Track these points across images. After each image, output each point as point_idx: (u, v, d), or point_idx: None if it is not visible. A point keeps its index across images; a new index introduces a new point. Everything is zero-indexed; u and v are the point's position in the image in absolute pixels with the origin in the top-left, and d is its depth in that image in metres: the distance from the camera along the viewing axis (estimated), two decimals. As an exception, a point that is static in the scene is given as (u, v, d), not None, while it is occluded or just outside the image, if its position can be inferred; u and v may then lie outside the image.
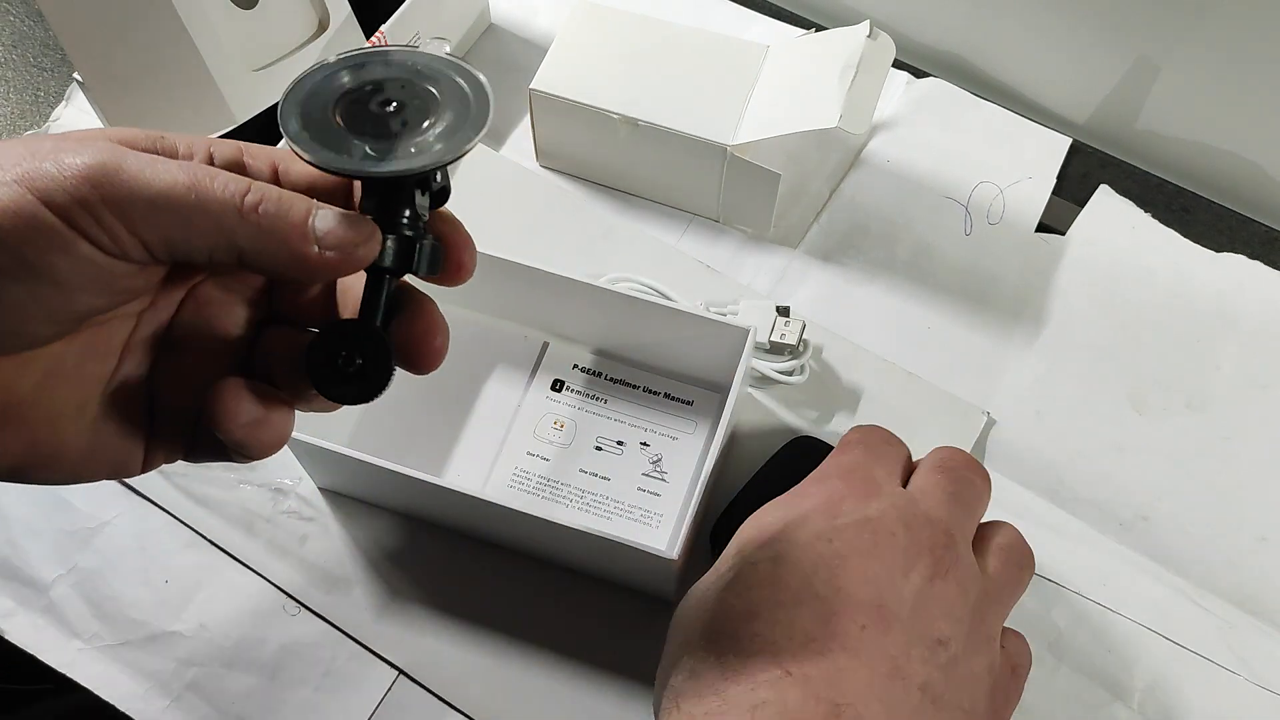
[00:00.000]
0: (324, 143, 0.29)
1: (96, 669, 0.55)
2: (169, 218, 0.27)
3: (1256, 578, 0.57)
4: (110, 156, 0.27)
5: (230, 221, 0.28)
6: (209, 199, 0.27)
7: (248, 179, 0.28)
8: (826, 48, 0.63)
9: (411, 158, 0.30)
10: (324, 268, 0.29)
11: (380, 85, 0.31)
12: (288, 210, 0.28)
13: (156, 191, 0.27)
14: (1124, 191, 0.70)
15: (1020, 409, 0.62)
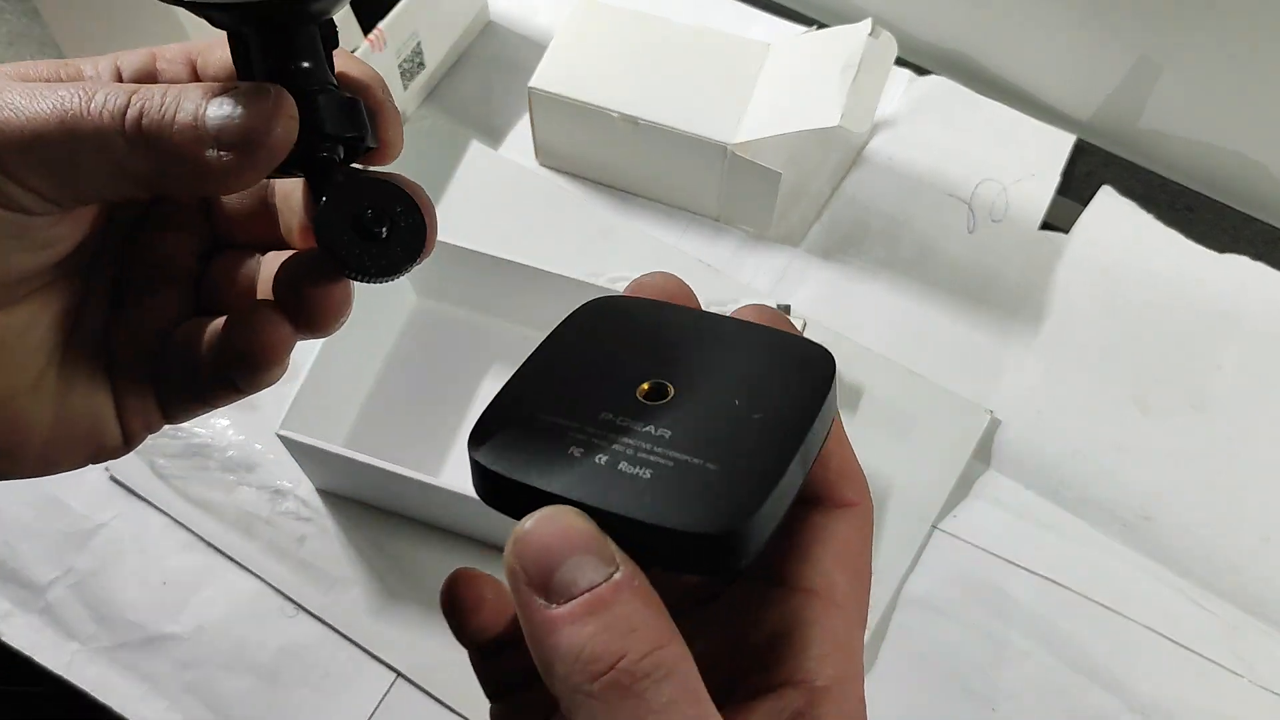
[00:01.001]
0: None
1: (93, 671, 0.55)
2: (48, 157, 0.23)
3: (1259, 579, 0.57)
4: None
5: (116, 147, 0.23)
6: (83, 127, 0.23)
7: (130, 88, 0.23)
8: (828, 46, 0.63)
9: None
10: (234, 172, 0.24)
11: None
12: (173, 114, 0.23)
13: (27, 131, 0.23)
14: (1127, 190, 0.69)
15: (1022, 408, 0.62)
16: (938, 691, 0.55)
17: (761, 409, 0.23)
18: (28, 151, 0.23)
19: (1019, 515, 0.59)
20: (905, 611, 0.56)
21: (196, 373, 0.28)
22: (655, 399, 0.24)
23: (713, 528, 0.20)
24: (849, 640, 0.23)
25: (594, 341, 0.26)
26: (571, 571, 0.20)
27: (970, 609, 0.56)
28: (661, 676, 0.20)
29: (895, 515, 0.59)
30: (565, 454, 0.22)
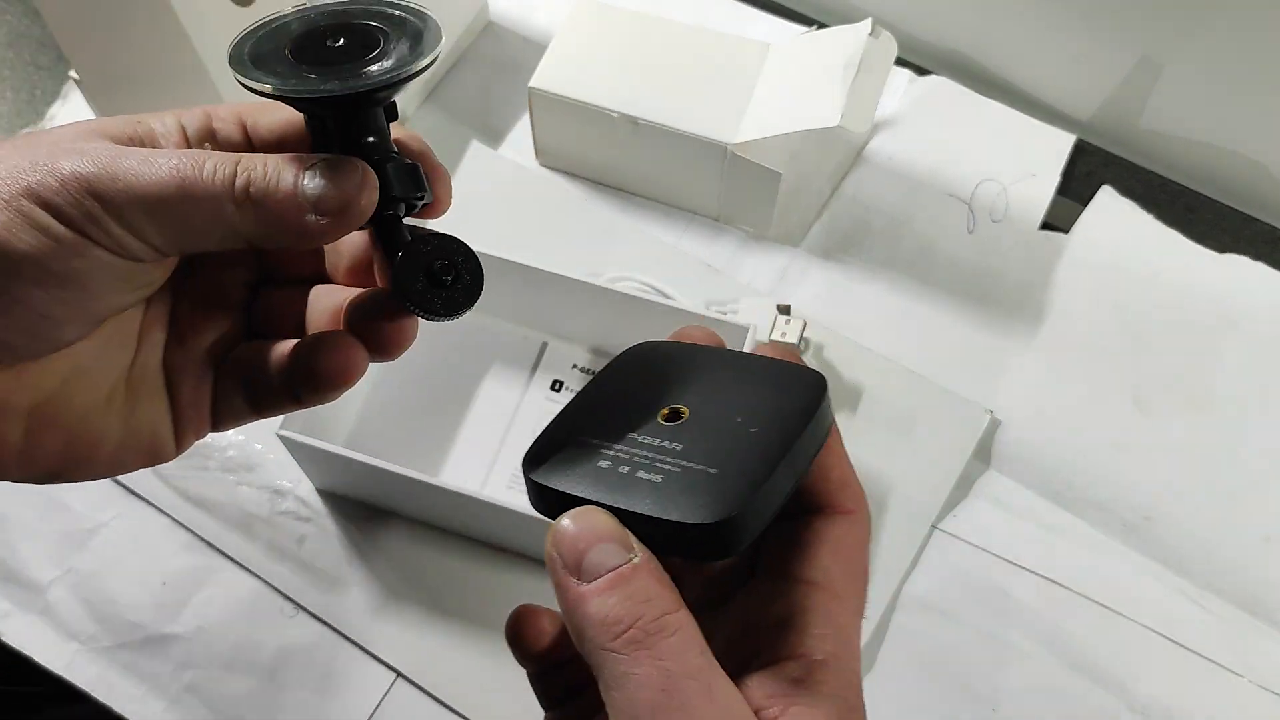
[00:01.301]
0: (278, 75, 0.29)
1: (93, 671, 0.55)
2: (167, 217, 0.27)
3: (1260, 579, 0.57)
4: (105, 163, 0.27)
5: (227, 211, 0.27)
6: (198, 193, 0.27)
7: (233, 158, 0.28)
8: (828, 45, 0.63)
9: (374, 75, 0.29)
10: (328, 232, 0.28)
11: (327, 28, 0.30)
12: (276, 183, 0.28)
13: (150, 194, 0.27)
14: (1128, 190, 0.69)
15: (1023, 408, 0.62)
16: (938, 691, 0.55)
17: (758, 423, 0.28)
18: (148, 210, 0.27)
19: (1019, 515, 0.59)
20: (905, 611, 0.56)
21: (258, 387, 0.32)
22: (672, 420, 0.29)
23: (707, 519, 0.25)
24: (845, 624, 0.27)
25: (629, 378, 0.32)
26: (598, 556, 0.25)
27: (970, 609, 0.56)
28: (671, 633, 0.25)
29: (895, 515, 0.58)
30: (596, 466, 0.28)
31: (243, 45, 0.30)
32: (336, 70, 0.29)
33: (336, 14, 0.31)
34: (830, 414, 0.29)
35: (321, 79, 0.28)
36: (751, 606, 0.28)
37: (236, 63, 0.29)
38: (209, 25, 0.57)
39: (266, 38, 0.30)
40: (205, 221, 0.27)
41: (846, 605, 0.27)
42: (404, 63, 0.29)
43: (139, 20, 0.56)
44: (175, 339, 0.32)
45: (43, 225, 0.26)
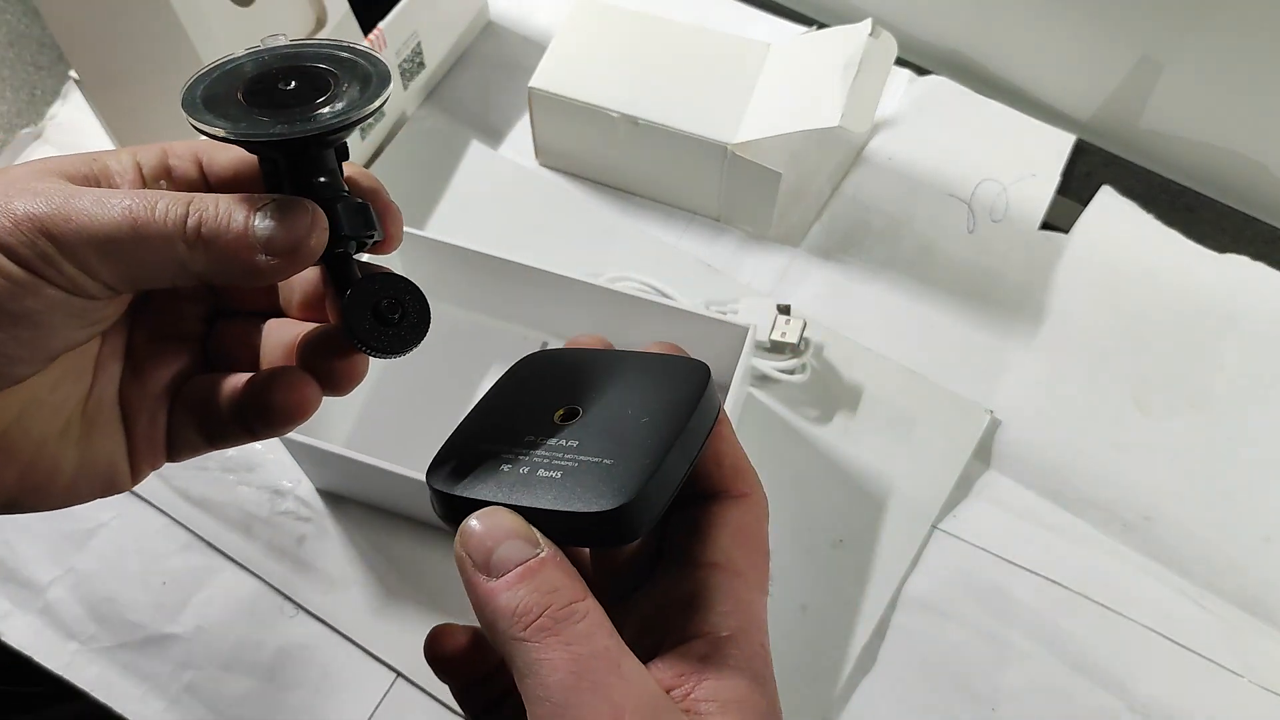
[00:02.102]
0: (231, 118, 0.29)
1: (93, 671, 0.55)
2: (120, 256, 0.27)
3: (1260, 579, 0.57)
4: (58, 203, 0.27)
5: (178, 250, 0.28)
6: (150, 232, 0.27)
7: (185, 198, 0.28)
8: (828, 46, 0.63)
9: (324, 118, 0.29)
10: (278, 272, 0.29)
11: (279, 71, 0.31)
12: (227, 224, 0.28)
13: (102, 234, 0.27)
14: (1127, 190, 0.69)
15: (1023, 408, 0.62)
16: (938, 691, 0.55)
17: (648, 414, 0.29)
18: (100, 249, 0.27)
19: (1019, 515, 0.59)
20: (905, 611, 0.56)
21: (212, 420, 0.32)
22: (568, 420, 0.30)
23: (606, 507, 0.27)
24: (748, 599, 0.28)
25: (524, 385, 0.33)
26: (506, 552, 0.27)
27: (970, 609, 0.56)
28: (579, 618, 0.26)
29: (895, 515, 0.58)
30: (498, 471, 0.29)
31: (195, 88, 0.30)
32: (287, 113, 0.30)
33: (288, 56, 0.31)
34: (716, 400, 0.30)
35: (272, 122, 0.29)
36: (658, 593, 0.29)
37: (189, 106, 0.30)
38: (209, 25, 0.57)
39: (220, 79, 0.31)
40: (157, 260, 0.28)
41: (748, 581, 0.28)
42: (353, 106, 0.30)
43: (139, 20, 0.56)
44: (131, 371, 0.33)
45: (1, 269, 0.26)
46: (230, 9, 0.59)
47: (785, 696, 0.28)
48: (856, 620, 0.56)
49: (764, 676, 0.27)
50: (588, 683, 0.25)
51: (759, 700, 0.27)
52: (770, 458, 0.60)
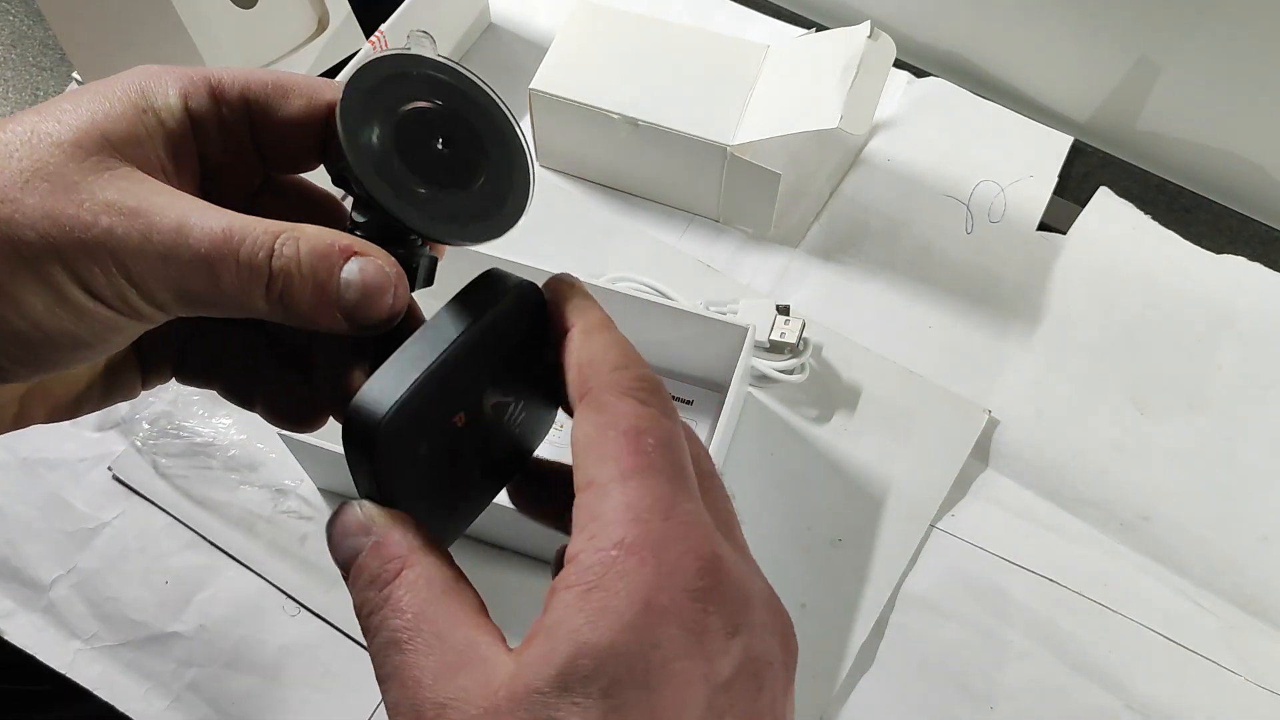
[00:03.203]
0: (379, 167, 0.28)
1: (96, 669, 0.55)
2: (193, 299, 0.27)
3: (1258, 578, 0.57)
4: (138, 239, 0.26)
5: (255, 302, 0.27)
6: (228, 284, 0.26)
7: (269, 239, 0.27)
8: (827, 48, 0.63)
9: (471, 233, 0.29)
10: (346, 330, 0.28)
11: (437, 117, 0.29)
12: (310, 287, 0.27)
13: (180, 279, 0.26)
14: (1125, 191, 0.69)
15: (1021, 408, 0.62)
16: (936, 690, 0.55)
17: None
18: (176, 290, 0.26)
19: (1018, 515, 0.59)
20: (904, 610, 0.57)
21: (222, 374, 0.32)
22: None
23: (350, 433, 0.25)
24: (602, 507, 0.24)
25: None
26: (344, 554, 0.26)
27: (969, 608, 0.57)
28: (379, 606, 0.25)
29: (894, 514, 0.59)
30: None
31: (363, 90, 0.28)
32: (437, 186, 0.28)
33: (459, 98, 0.29)
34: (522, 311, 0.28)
35: (423, 211, 0.28)
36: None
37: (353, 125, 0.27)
38: (211, 26, 0.58)
39: (385, 87, 0.28)
40: (232, 305, 0.27)
41: (604, 488, 0.24)
42: (495, 228, 0.29)
43: (142, 22, 0.56)
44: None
45: (71, 298, 0.26)
46: (232, 10, 0.59)
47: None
48: (855, 619, 0.56)
49: (604, 585, 0.23)
50: (385, 671, 0.24)
51: (573, 618, 0.22)
52: (769, 457, 0.60)
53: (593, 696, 0.21)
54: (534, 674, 0.22)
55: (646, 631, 0.22)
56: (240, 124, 0.30)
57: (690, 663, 0.22)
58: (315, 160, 0.31)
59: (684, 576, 0.23)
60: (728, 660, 0.23)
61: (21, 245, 0.25)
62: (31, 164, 0.26)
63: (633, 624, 0.22)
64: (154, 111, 0.28)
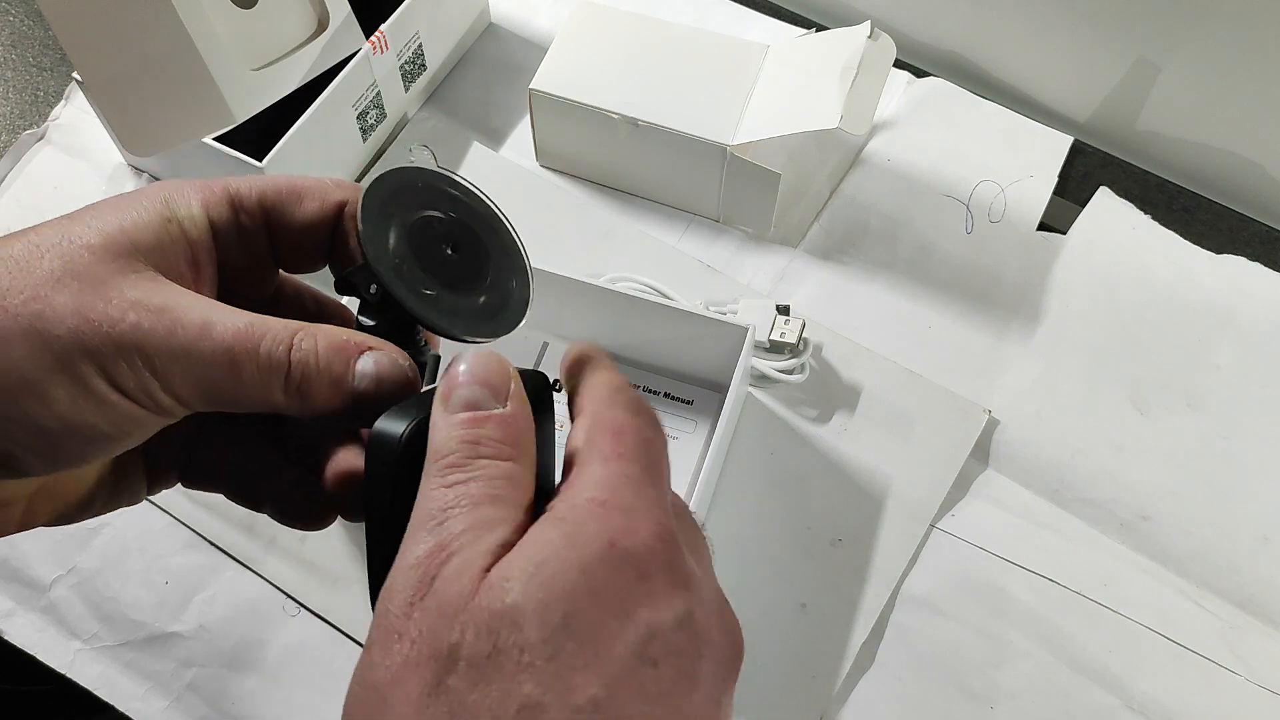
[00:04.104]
0: (395, 266, 0.30)
1: (96, 669, 0.55)
2: (215, 393, 0.28)
3: (1257, 578, 0.57)
4: (162, 335, 0.27)
5: (274, 395, 0.28)
6: (248, 376, 0.28)
7: (287, 336, 0.28)
8: (827, 48, 0.63)
9: (480, 330, 0.31)
10: (361, 419, 0.29)
11: (446, 227, 0.31)
12: (328, 379, 0.29)
13: (203, 374, 0.27)
14: (1124, 191, 0.69)
15: (1020, 408, 0.62)
16: (936, 690, 0.55)
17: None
18: (197, 385, 0.28)
19: (1017, 514, 0.59)
20: (904, 611, 0.57)
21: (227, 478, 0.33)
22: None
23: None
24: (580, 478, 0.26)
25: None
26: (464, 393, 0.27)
27: (968, 608, 0.57)
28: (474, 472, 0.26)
29: (894, 514, 0.59)
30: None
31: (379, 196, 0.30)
32: (443, 293, 0.30)
33: (466, 211, 0.32)
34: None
35: (434, 302, 0.30)
36: None
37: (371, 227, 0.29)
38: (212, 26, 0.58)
39: (400, 195, 0.31)
40: (251, 399, 0.28)
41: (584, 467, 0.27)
42: (498, 326, 0.32)
43: (142, 22, 0.56)
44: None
45: (97, 391, 0.27)
46: (233, 11, 0.59)
47: (784, 694, 0.28)
48: (855, 619, 0.56)
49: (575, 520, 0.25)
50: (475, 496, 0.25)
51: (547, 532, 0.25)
52: (769, 457, 0.60)
53: (555, 600, 0.23)
54: (505, 572, 0.24)
55: (608, 562, 0.24)
56: (258, 229, 0.31)
57: (638, 603, 0.24)
58: (323, 261, 0.33)
59: (644, 534, 0.25)
60: (669, 614, 0.25)
61: (51, 340, 0.26)
62: (62, 265, 0.27)
63: (598, 553, 0.24)
64: (178, 221, 0.30)
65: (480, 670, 0.23)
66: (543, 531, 0.25)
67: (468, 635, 0.23)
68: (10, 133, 0.73)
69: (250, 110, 0.61)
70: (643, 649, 0.24)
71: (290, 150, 0.61)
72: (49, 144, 0.72)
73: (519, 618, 0.23)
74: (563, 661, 0.23)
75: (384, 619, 0.25)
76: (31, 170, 0.71)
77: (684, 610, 0.25)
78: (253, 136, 0.60)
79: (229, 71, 0.59)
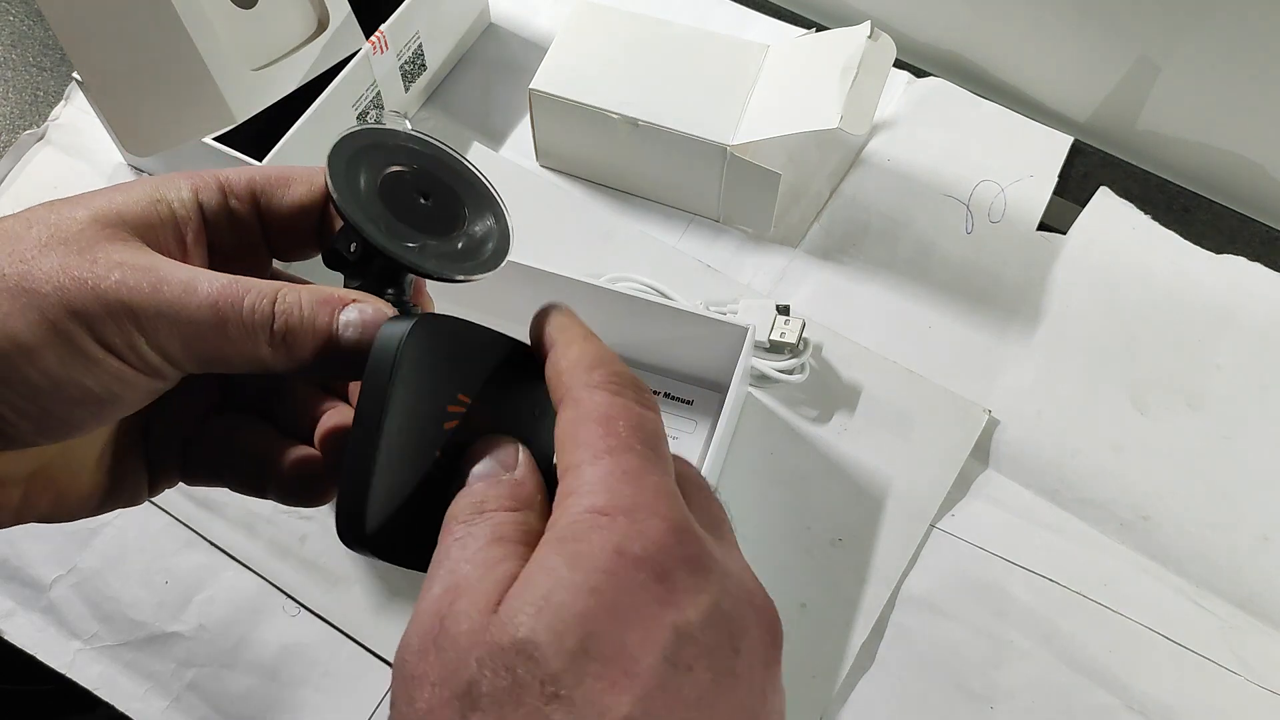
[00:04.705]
0: (374, 220, 0.30)
1: (96, 669, 0.55)
2: (201, 349, 0.28)
3: (1257, 578, 0.57)
4: (147, 291, 0.27)
5: (261, 348, 0.29)
6: (235, 330, 0.28)
7: (270, 292, 0.29)
8: (827, 48, 0.63)
9: (466, 268, 0.31)
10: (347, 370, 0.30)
11: (415, 177, 0.32)
12: (312, 326, 0.29)
13: (188, 326, 0.28)
14: (1124, 191, 0.69)
15: (1021, 408, 0.62)
16: (936, 690, 0.55)
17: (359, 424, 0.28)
18: (184, 341, 0.28)
19: (1017, 514, 0.59)
20: (904, 610, 0.57)
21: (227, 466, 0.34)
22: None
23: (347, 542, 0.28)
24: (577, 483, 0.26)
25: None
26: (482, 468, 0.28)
27: (968, 608, 0.57)
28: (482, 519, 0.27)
29: (894, 514, 0.59)
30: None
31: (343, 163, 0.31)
32: (427, 235, 0.31)
33: (429, 160, 0.33)
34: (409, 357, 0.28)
35: (417, 250, 0.30)
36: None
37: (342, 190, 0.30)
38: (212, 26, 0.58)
39: (362, 155, 0.31)
40: (238, 353, 0.29)
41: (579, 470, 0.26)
42: (481, 265, 0.32)
43: (141, 22, 0.56)
44: (162, 408, 0.33)
45: (84, 349, 0.27)
46: (233, 10, 0.59)
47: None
48: (855, 619, 0.56)
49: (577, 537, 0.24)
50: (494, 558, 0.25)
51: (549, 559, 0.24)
52: (769, 457, 0.60)
53: (569, 627, 0.23)
54: (513, 606, 0.23)
55: (618, 575, 0.23)
56: (248, 215, 0.32)
57: (659, 608, 0.23)
58: (315, 248, 0.33)
59: (653, 534, 0.24)
60: (695, 611, 0.24)
61: (38, 298, 0.27)
62: (49, 232, 0.28)
63: (605, 567, 0.23)
64: (167, 202, 0.30)
65: (504, 705, 0.22)
66: (546, 558, 0.24)
67: (485, 671, 0.23)
68: (10, 133, 0.73)
69: (250, 110, 0.61)
70: (674, 655, 0.23)
71: (290, 150, 0.61)
72: (49, 144, 0.72)
73: (533, 650, 0.22)
74: (589, 686, 0.22)
75: (401, 669, 0.25)
76: (31, 170, 0.71)
77: (710, 603, 0.24)
78: (253, 136, 0.60)
79: (229, 71, 0.59)
